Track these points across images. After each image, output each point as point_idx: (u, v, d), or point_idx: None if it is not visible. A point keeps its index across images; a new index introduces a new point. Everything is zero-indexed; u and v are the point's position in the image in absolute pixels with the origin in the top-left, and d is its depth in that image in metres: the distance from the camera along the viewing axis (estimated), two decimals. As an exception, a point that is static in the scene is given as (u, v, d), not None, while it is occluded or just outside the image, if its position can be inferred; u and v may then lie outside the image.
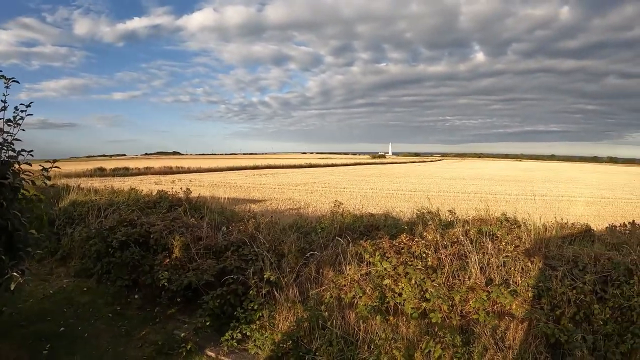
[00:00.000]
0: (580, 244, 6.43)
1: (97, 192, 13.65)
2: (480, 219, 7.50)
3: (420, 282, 5.53)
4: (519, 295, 5.21)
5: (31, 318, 6.38)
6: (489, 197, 22.08)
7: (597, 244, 6.45)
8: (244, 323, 5.71)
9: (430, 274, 5.62)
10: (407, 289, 5.52)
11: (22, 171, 4.46)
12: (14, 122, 4.36)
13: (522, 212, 7.75)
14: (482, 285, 5.44)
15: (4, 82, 4.30)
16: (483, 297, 5.26)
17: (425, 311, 5.39)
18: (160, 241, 7.46)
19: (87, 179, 25.31)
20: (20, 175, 4.40)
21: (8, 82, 4.32)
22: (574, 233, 7.09)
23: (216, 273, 6.46)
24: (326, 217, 8.47)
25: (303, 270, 6.39)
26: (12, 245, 4.37)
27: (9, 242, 4.30)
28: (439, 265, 5.79)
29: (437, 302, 5.33)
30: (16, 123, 4.37)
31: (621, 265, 5.31)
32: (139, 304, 6.95)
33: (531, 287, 5.25)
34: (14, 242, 4.38)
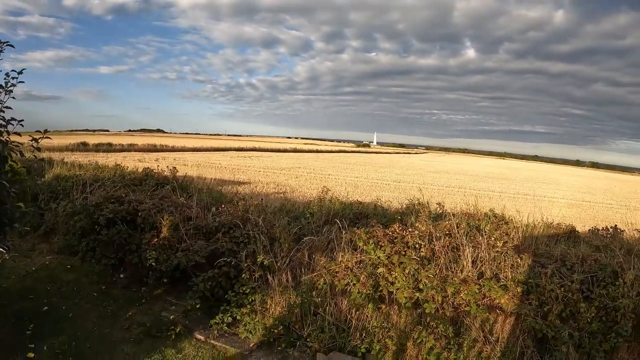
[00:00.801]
0: (566, 244, 6.53)
1: (81, 167, 13.43)
2: (468, 213, 7.46)
3: (415, 272, 5.53)
4: (509, 290, 5.25)
5: (13, 296, 6.20)
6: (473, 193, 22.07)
7: (582, 245, 6.51)
8: (235, 307, 5.63)
9: (425, 264, 5.61)
10: (400, 278, 5.51)
11: (10, 141, 4.26)
12: (4, 89, 4.16)
13: (507, 209, 7.76)
14: (474, 279, 5.45)
15: (-4, 46, 4.10)
16: (475, 290, 5.29)
17: (418, 301, 5.41)
18: (148, 220, 7.30)
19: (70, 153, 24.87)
20: (8, 144, 4.20)
21: (2, 45, 4.12)
22: (560, 233, 7.16)
23: (207, 255, 6.35)
24: (314, 203, 8.38)
25: (296, 256, 6.31)
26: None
27: (-5, 216, 4.11)
28: (433, 256, 5.79)
29: (430, 293, 5.35)
30: (7, 90, 4.17)
31: (608, 267, 5.40)
32: (125, 284, 6.83)
33: (521, 283, 5.29)
34: (0, 215, 4.19)
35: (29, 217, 5.68)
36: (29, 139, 4.50)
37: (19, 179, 4.59)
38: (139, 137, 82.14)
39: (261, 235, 6.46)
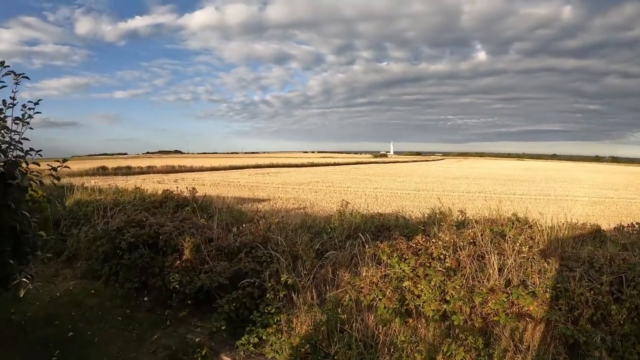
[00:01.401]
0: (592, 244, 6.36)
1: (101, 191, 13.51)
2: (490, 219, 7.34)
3: (441, 284, 5.43)
4: (537, 296, 5.13)
5: (38, 322, 6.22)
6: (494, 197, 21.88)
7: (609, 245, 6.36)
8: (261, 327, 5.57)
9: (451, 275, 5.52)
10: (426, 290, 5.42)
11: (29, 171, 4.28)
12: (22, 121, 4.18)
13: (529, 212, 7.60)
14: (501, 287, 5.34)
15: (12, 78, 4.13)
16: (503, 298, 5.18)
17: (445, 313, 5.30)
18: (169, 242, 7.30)
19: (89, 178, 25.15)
20: (27, 175, 4.22)
21: (17, 77, 4.16)
22: (585, 233, 7.02)
23: (230, 275, 6.31)
24: (335, 217, 8.31)
25: (319, 272, 6.24)
26: (21, 248, 4.20)
27: (17, 245, 4.12)
28: (459, 266, 5.69)
29: (457, 304, 5.24)
30: (24, 122, 4.20)
31: (637, 266, 5.24)
32: (149, 307, 6.81)
33: (549, 288, 5.17)
34: (22, 244, 4.21)
35: (51, 245, 5.72)
36: (48, 167, 4.53)
37: (39, 208, 4.61)
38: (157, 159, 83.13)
39: (283, 254, 6.40)
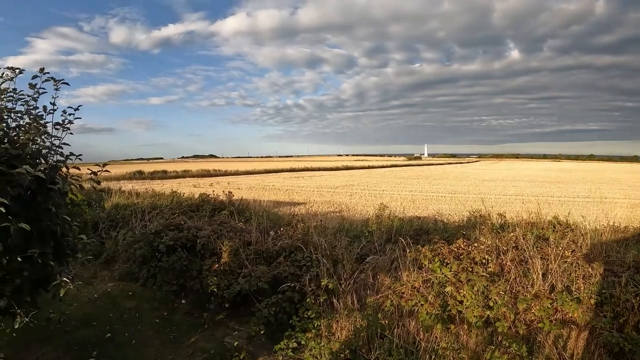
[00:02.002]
0: (636, 248, 6.13)
1: (138, 195, 13.73)
2: (530, 222, 7.15)
3: (484, 290, 5.29)
4: (582, 302, 4.96)
5: (76, 323, 6.29)
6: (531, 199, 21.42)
7: None
8: (300, 331, 5.50)
9: (495, 280, 5.38)
10: (469, 296, 5.29)
11: (70, 175, 4.32)
12: (62, 126, 4.22)
13: (570, 215, 7.36)
14: (546, 293, 5.18)
15: (52, 84, 4.17)
16: (547, 304, 5.02)
17: (488, 320, 5.16)
18: (208, 246, 7.33)
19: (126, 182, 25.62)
20: (68, 179, 4.25)
21: (57, 84, 4.18)
22: (628, 237, 6.81)
23: (269, 280, 6.28)
24: (372, 221, 8.24)
25: (359, 277, 6.16)
26: (61, 250, 4.23)
27: (58, 248, 4.15)
28: (502, 271, 5.56)
29: (501, 311, 5.09)
30: (65, 127, 4.24)
31: None
32: (187, 310, 6.83)
33: (594, 294, 5.00)
34: (63, 247, 4.25)
35: (90, 247, 5.80)
36: (87, 171, 4.57)
37: (79, 211, 4.65)
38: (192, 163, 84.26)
39: (324, 258, 6.33)
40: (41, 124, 4.14)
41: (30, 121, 4.11)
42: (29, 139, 3.96)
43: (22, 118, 4.11)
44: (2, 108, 4.03)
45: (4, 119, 3.94)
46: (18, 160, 3.51)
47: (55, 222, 3.98)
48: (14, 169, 3.40)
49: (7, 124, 3.97)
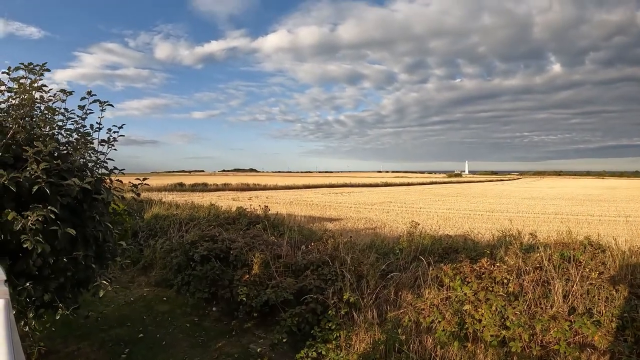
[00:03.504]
0: None
1: (178, 206, 14.14)
2: (562, 242, 7.15)
3: (501, 309, 5.38)
4: (602, 326, 4.96)
5: (112, 322, 6.69)
6: (570, 218, 21.06)
7: None
8: (320, 342, 5.70)
9: (512, 300, 5.46)
10: (487, 315, 5.38)
11: (113, 187, 4.69)
12: (107, 143, 4.60)
13: (606, 235, 7.30)
14: (564, 315, 5.23)
15: (98, 105, 4.55)
16: (565, 327, 5.04)
17: (504, 339, 5.23)
18: (240, 257, 7.63)
19: (167, 193, 26.17)
20: (111, 190, 4.62)
21: (103, 105, 4.56)
22: None
23: (295, 291, 6.53)
24: (404, 238, 8.34)
25: (382, 292, 6.34)
26: (102, 254, 4.60)
27: (99, 252, 4.52)
28: (521, 291, 5.63)
29: (517, 331, 5.16)
30: (110, 144, 4.61)
31: None
32: (217, 317, 7.13)
33: (615, 318, 4.99)
34: (104, 252, 4.61)
35: (129, 253, 6.20)
36: (129, 183, 4.94)
37: (120, 220, 5.03)
38: (232, 177, 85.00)
39: (348, 273, 6.54)
40: (88, 140, 4.54)
41: (78, 137, 4.51)
42: (78, 154, 4.36)
43: (72, 135, 4.51)
44: (53, 127, 4.46)
45: (55, 138, 4.35)
46: (67, 173, 3.90)
47: (98, 229, 4.37)
48: (64, 180, 3.77)
49: (57, 140, 4.38)
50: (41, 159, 3.64)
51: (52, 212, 3.44)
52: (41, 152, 3.69)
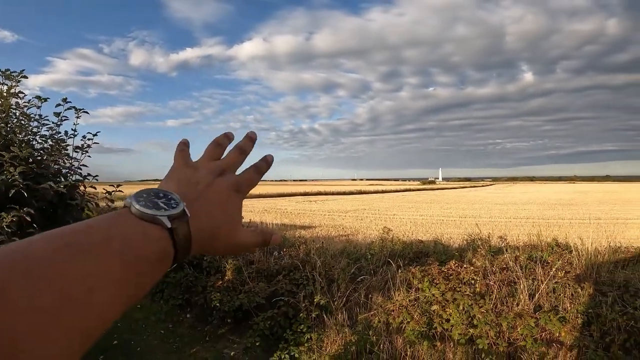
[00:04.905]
0: (633, 268, 6.31)
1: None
2: (531, 244, 7.41)
3: (468, 309, 5.54)
4: (568, 322, 5.16)
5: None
6: (542, 222, 21.42)
7: None
8: (293, 345, 5.81)
9: (478, 300, 5.62)
10: (454, 315, 5.53)
11: (87, 194, 4.76)
12: (81, 149, 4.67)
13: (575, 237, 7.55)
14: (530, 312, 5.41)
15: (74, 112, 4.62)
16: (531, 323, 5.22)
17: (472, 337, 5.39)
18: (213, 264, 7.72)
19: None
20: (85, 197, 4.69)
21: (79, 112, 4.64)
22: (628, 257, 6.91)
23: (267, 296, 6.64)
24: (375, 244, 8.50)
25: (353, 295, 6.47)
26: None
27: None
28: (487, 291, 5.80)
29: (484, 329, 5.33)
30: (84, 150, 4.68)
31: None
32: (191, 323, 7.17)
33: (580, 314, 5.19)
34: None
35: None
36: (103, 191, 5.01)
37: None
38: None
39: (319, 277, 6.68)
40: (63, 146, 4.61)
41: (53, 144, 4.57)
42: (52, 160, 4.43)
43: (46, 141, 4.58)
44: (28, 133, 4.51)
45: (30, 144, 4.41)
46: (43, 178, 3.97)
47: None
48: (39, 185, 3.85)
49: (32, 146, 4.44)
50: (17, 164, 3.71)
51: (27, 214, 3.51)
52: (17, 157, 3.76)
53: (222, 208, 0.66)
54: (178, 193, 0.62)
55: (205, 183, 0.67)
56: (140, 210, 0.55)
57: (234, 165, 0.75)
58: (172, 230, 0.55)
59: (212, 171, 0.70)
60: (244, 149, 0.79)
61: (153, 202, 0.57)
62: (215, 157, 0.75)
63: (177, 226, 0.56)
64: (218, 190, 0.67)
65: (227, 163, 0.74)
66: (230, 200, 0.68)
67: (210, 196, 0.66)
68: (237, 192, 0.70)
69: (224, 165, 0.73)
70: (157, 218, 0.54)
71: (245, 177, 0.74)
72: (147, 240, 0.53)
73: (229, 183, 0.69)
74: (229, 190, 0.69)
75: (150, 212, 0.55)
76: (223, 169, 0.72)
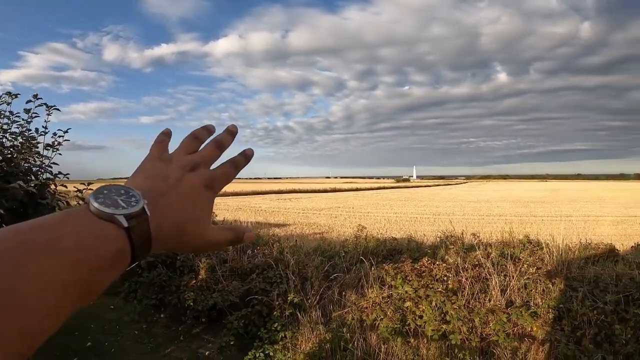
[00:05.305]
0: (603, 264, 6.43)
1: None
2: (503, 241, 7.53)
3: (441, 305, 5.62)
4: (539, 316, 5.27)
5: (58, 332, 6.45)
6: (514, 219, 21.79)
7: (620, 264, 6.40)
8: (267, 343, 5.80)
9: (451, 296, 5.71)
10: (427, 311, 5.60)
11: (57, 192, 4.69)
12: (52, 147, 4.60)
13: (546, 234, 7.72)
14: (502, 307, 5.51)
15: (45, 109, 4.55)
16: (503, 319, 5.32)
17: (445, 333, 5.47)
18: (187, 263, 7.67)
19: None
20: (56, 195, 4.62)
21: (50, 109, 4.56)
22: (598, 253, 7.01)
23: (241, 294, 6.63)
24: (349, 242, 8.54)
25: (326, 293, 6.50)
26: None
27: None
28: (460, 287, 5.89)
29: (457, 324, 5.41)
30: (55, 148, 4.61)
31: None
32: (165, 323, 7.13)
33: (552, 309, 5.30)
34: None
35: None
36: (74, 189, 4.94)
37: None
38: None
39: (293, 275, 6.69)
40: (33, 144, 4.53)
41: (23, 141, 4.49)
42: (22, 158, 4.35)
43: (16, 139, 4.49)
44: None
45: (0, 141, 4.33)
46: (12, 177, 3.90)
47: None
48: (9, 184, 3.78)
49: (2, 143, 4.35)
50: (-14, 163, 3.65)
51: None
52: (-14, 156, 3.69)
53: (191, 204, 0.64)
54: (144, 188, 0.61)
55: (175, 177, 0.65)
56: (97, 208, 0.53)
57: (209, 159, 0.73)
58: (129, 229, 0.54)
59: (184, 165, 0.68)
60: (222, 142, 0.77)
61: (112, 200, 0.55)
62: (191, 150, 0.74)
63: (134, 225, 0.54)
64: (188, 186, 0.65)
65: (201, 157, 0.72)
66: (201, 196, 0.66)
67: (180, 191, 0.64)
68: (208, 187, 0.68)
69: (198, 159, 0.71)
70: (114, 217, 0.53)
71: (219, 172, 0.72)
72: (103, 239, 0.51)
73: (200, 178, 0.67)
74: (200, 185, 0.67)
75: (109, 210, 0.53)
76: (196, 163, 0.70)
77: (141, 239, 0.55)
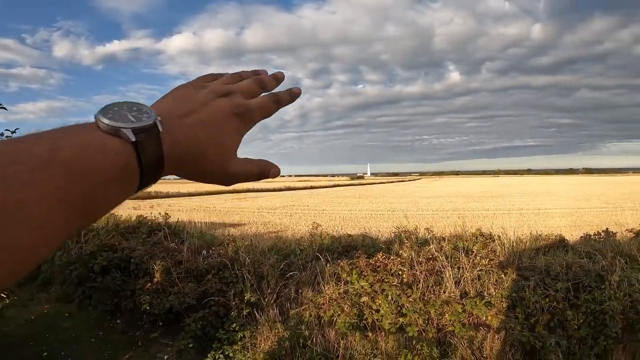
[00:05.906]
0: (553, 254, 6.66)
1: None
2: (456, 235, 7.71)
3: (397, 298, 5.72)
4: (493, 306, 5.44)
5: (13, 343, 6.40)
6: (467, 214, 22.13)
7: (570, 253, 6.63)
8: (227, 344, 5.81)
9: (406, 289, 5.82)
10: (384, 305, 5.70)
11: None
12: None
13: (498, 227, 7.96)
14: (456, 299, 5.67)
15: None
16: (458, 309, 5.47)
17: (402, 326, 5.57)
18: (141, 266, 7.55)
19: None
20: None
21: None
22: (548, 244, 7.28)
23: (197, 296, 6.60)
24: (305, 239, 8.59)
25: (283, 291, 6.52)
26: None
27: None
28: (414, 281, 6.01)
29: (413, 317, 5.53)
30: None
31: (592, 272, 5.53)
32: (122, 329, 7.01)
33: (505, 298, 5.47)
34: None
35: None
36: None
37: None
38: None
39: (248, 274, 6.69)
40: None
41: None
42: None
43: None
44: None
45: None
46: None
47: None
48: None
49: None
50: None
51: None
52: None
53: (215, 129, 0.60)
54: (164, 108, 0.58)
55: (201, 101, 0.62)
56: (104, 122, 0.50)
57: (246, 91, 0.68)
58: (137, 143, 0.51)
59: (216, 91, 0.65)
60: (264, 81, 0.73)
61: (122, 115, 0.52)
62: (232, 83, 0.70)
63: (142, 139, 0.51)
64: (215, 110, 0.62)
65: (238, 86, 0.68)
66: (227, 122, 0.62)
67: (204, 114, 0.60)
68: (238, 115, 0.64)
69: (234, 88, 0.67)
70: (120, 130, 0.50)
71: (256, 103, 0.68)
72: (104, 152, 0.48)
73: (231, 104, 0.64)
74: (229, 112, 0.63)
75: (115, 124, 0.51)
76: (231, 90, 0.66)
77: (151, 157, 0.52)
